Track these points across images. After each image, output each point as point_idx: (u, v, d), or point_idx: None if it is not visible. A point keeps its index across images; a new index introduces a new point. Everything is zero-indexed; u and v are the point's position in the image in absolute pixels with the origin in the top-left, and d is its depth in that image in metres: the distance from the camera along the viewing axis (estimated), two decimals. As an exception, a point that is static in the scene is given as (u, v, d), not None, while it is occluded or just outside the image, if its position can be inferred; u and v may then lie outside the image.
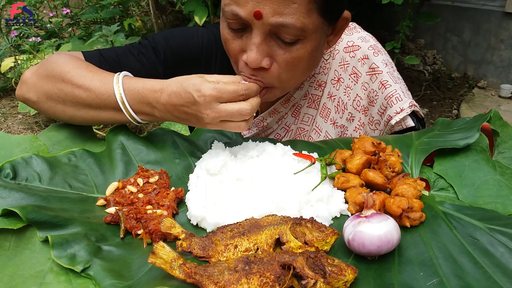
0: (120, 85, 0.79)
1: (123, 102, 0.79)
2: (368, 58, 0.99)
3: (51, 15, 3.90)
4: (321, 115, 1.04)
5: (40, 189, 0.70)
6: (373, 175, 0.71)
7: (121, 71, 0.83)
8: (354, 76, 1.00)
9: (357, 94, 1.00)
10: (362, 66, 0.99)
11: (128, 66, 0.95)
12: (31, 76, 0.86)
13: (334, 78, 1.02)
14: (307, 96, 1.04)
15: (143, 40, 1.03)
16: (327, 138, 1.03)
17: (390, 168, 0.73)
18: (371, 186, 0.72)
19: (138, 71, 0.95)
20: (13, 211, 0.61)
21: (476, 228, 0.62)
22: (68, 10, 3.73)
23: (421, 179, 0.74)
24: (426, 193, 0.72)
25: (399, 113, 0.93)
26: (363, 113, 1.01)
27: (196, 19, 2.74)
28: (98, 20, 3.76)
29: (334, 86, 1.03)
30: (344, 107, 1.02)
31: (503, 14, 3.47)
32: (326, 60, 1.03)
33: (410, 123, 0.94)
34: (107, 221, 0.66)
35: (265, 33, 0.78)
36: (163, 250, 0.54)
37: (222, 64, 1.03)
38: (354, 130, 1.02)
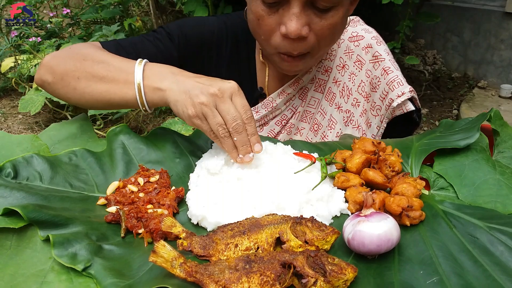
0: (142, 62, 0.82)
1: (140, 66, 0.80)
2: (371, 47, 1.04)
3: (51, 15, 3.90)
4: (326, 99, 1.10)
5: (41, 188, 0.70)
6: (373, 174, 0.71)
7: (138, 57, 0.86)
8: (359, 64, 1.06)
9: (361, 80, 1.06)
10: (366, 54, 1.05)
11: (145, 50, 0.99)
12: (51, 59, 0.89)
13: (339, 64, 1.08)
14: (314, 80, 1.10)
15: (157, 28, 1.06)
16: (332, 122, 1.09)
17: (389, 168, 0.73)
18: (371, 185, 0.72)
19: (154, 55, 1.00)
20: (14, 210, 0.61)
21: (476, 227, 0.62)
22: (68, 10, 3.74)
23: (421, 178, 0.75)
24: (426, 192, 0.72)
25: (400, 96, 0.98)
26: (365, 100, 1.05)
27: (196, 19, 2.74)
28: (98, 20, 3.76)
29: (339, 72, 1.08)
30: (349, 93, 1.07)
31: (503, 14, 3.47)
32: (333, 48, 1.08)
33: (411, 107, 0.99)
34: (108, 220, 0.66)
35: (303, 3, 0.82)
36: (164, 249, 0.54)
37: (232, 51, 1.09)
38: (359, 116, 1.06)
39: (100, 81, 0.83)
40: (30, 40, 3.22)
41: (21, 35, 3.41)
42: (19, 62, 3.23)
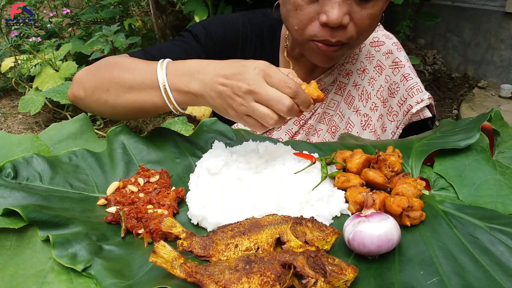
0: (164, 63, 0.79)
1: (162, 78, 0.77)
2: (392, 53, 1.06)
3: (51, 15, 3.90)
4: (345, 102, 1.11)
5: (41, 188, 0.70)
6: (373, 175, 0.71)
7: None
8: (379, 69, 1.07)
9: (380, 85, 1.07)
10: (386, 60, 1.07)
11: (172, 55, 0.94)
12: (81, 74, 0.89)
13: (360, 68, 1.10)
14: (335, 82, 1.11)
15: (183, 32, 1.06)
16: (349, 125, 1.10)
17: (389, 168, 0.73)
18: (371, 185, 0.72)
19: (183, 59, 0.96)
20: (14, 210, 0.61)
21: (476, 227, 0.62)
22: (68, 10, 3.73)
23: (421, 178, 0.74)
24: (426, 192, 0.72)
25: (419, 103, 1.00)
26: (382, 104, 1.07)
27: (196, 19, 2.74)
28: (98, 20, 3.76)
29: (359, 76, 1.10)
30: (368, 97, 1.09)
31: (503, 14, 3.47)
32: (354, 51, 1.10)
33: (428, 113, 1.01)
34: (108, 221, 0.66)
35: None
36: (164, 250, 0.54)
37: (256, 49, 1.09)
38: (377, 120, 1.08)
39: (128, 91, 0.81)
40: (30, 40, 3.22)
41: (21, 35, 3.41)
42: (19, 62, 3.23)
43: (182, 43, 1.03)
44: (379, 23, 1.10)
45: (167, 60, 0.80)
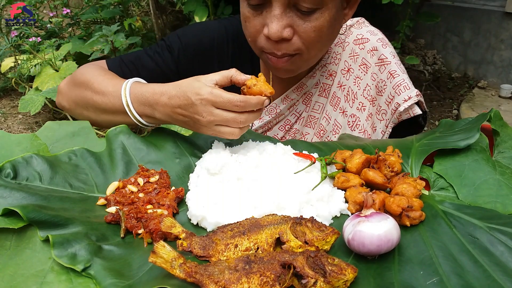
0: (127, 90, 0.84)
1: (127, 105, 0.84)
2: (377, 50, 1.03)
3: (51, 15, 3.90)
4: (331, 104, 1.08)
5: (41, 188, 0.70)
6: (373, 175, 0.71)
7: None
8: (364, 67, 1.04)
9: (367, 84, 1.04)
10: (371, 57, 1.03)
11: (144, 67, 1.03)
12: (63, 86, 0.98)
13: (344, 68, 1.07)
14: (318, 84, 1.09)
15: (159, 41, 1.10)
16: (336, 126, 1.08)
17: (389, 168, 0.73)
18: (371, 185, 0.72)
19: (153, 70, 1.03)
20: (14, 210, 0.61)
21: (476, 227, 0.62)
22: (68, 10, 3.73)
23: (421, 178, 0.74)
24: (426, 192, 0.72)
25: (407, 100, 0.97)
26: (371, 103, 1.04)
27: (196, 19, 2.74)
28: (98, 20, 3.76)
29: (344, 76, 1.07)
30: (354, 97, 1.06)
31: (503, 14, 3.47)
32: (337, 51, 1.07)
33: (418, 111, 0.98)
34: (107, 221, 0.66)
35: (285, 5, 0.82)
36: (164, 250, 0.54)
37: (234, 54, 1.09)
38: (365, 120, 1.05)
39: (104, 113, 0.89)
40: (30, 40, 3.22)
41: (21, 35, 3.41)
42: (19, 62, 3.23)
43: (155, 54, 1.05)
44: (365, 21, 1.09)
45: (129, 85, 0.85)
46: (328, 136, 1.09)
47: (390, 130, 1.01)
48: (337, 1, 0.86)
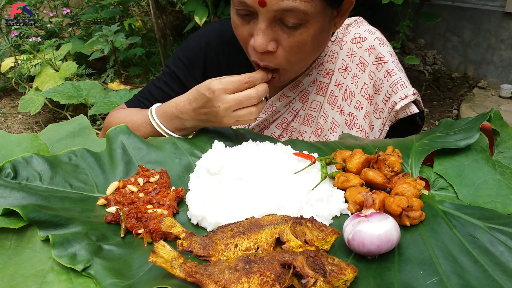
0: (153, 114, 0.92)
1: (159, 126, 0.91)
2: (374, 49, 1.03)
3: (51, 15, 3.90)
4: (328, 102, 1.09)
5: (41, 188, 0.70)
6: (373, 175, 0.71)
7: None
8: (361, 66, 1.05)
9: (364, 82, 1.05)
10: (369, 56, 1.04)
11: (157, 99, 1.09)
12: (107, 118, 1.08)
13: (342, 67, 1.07)
14: (315, 83, 1.09)
15: (164, 68, 1.16)
16: (334, 125, 1.08)
17: (389, 168, 0.73)
18: (371, 185, 0.72)
19: (165, 99, 1.05)
20: (14, 210, 0.61)
21: (476, 227, 0.62)
22: (68, 10, 3.73)
23: (421, 178, 0.74)
24: (426, 192, 0.72)
25: (403, 99, 0.97)
26: (368, 102, 1.04)
27: (196, 19, 2.74)
28: (98, 20, 3.77)
29: (341, 75, 1.07)
30: (352, 95, 1.06)
31: (503, 14, 3.47)
32: (334, 50, 1.07)
33: (415, 109, 0.98)
34: (107, 221, 0.66)
35: (270, 19, 0.83)
36: (164, 249, 0.54)
37: (230, 56, 1.11)
38: (363, 119, 1.05)
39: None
40: (30, 40, 3.22)
41: (21, 35, 3.41)
42: (19, 62, 3.23)
43: (163, 84, 1.12)
44: (363, 21, 1.10)
45: (153, 109, 0.93)
46: (325, 135, 1.09)
47: (387, 128, 1.01)
48: (324, 14, 0.86)
